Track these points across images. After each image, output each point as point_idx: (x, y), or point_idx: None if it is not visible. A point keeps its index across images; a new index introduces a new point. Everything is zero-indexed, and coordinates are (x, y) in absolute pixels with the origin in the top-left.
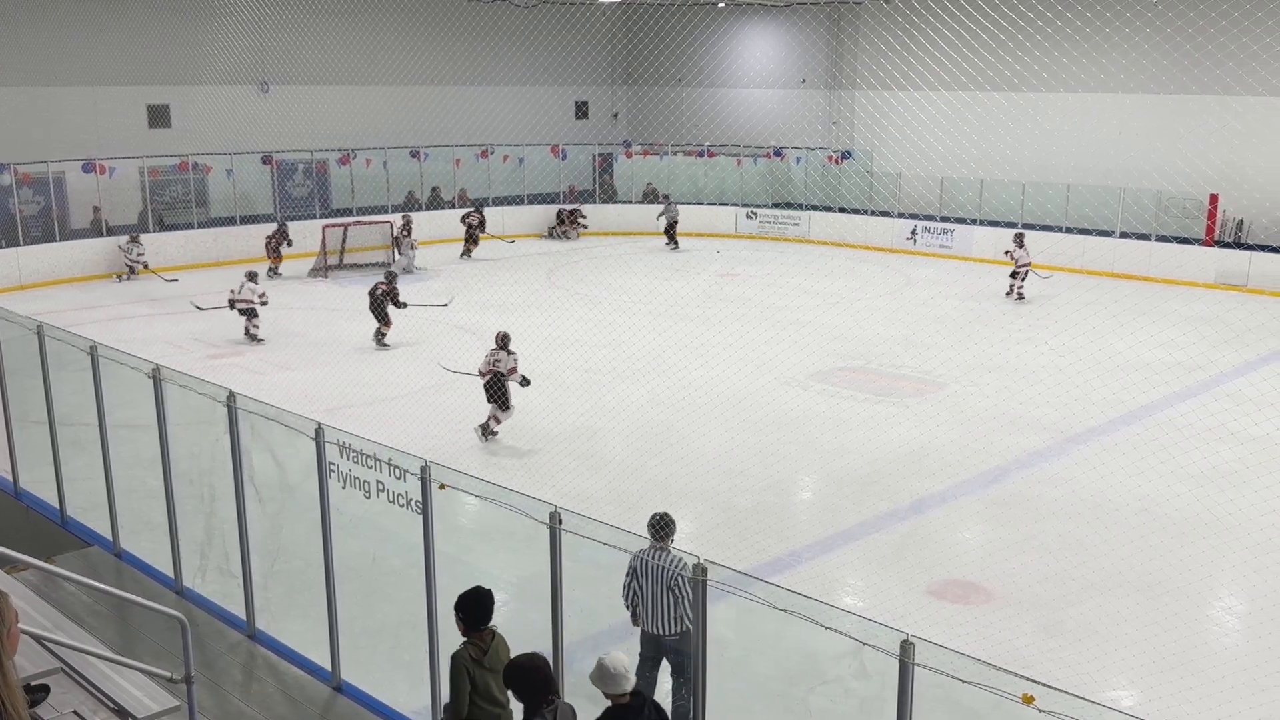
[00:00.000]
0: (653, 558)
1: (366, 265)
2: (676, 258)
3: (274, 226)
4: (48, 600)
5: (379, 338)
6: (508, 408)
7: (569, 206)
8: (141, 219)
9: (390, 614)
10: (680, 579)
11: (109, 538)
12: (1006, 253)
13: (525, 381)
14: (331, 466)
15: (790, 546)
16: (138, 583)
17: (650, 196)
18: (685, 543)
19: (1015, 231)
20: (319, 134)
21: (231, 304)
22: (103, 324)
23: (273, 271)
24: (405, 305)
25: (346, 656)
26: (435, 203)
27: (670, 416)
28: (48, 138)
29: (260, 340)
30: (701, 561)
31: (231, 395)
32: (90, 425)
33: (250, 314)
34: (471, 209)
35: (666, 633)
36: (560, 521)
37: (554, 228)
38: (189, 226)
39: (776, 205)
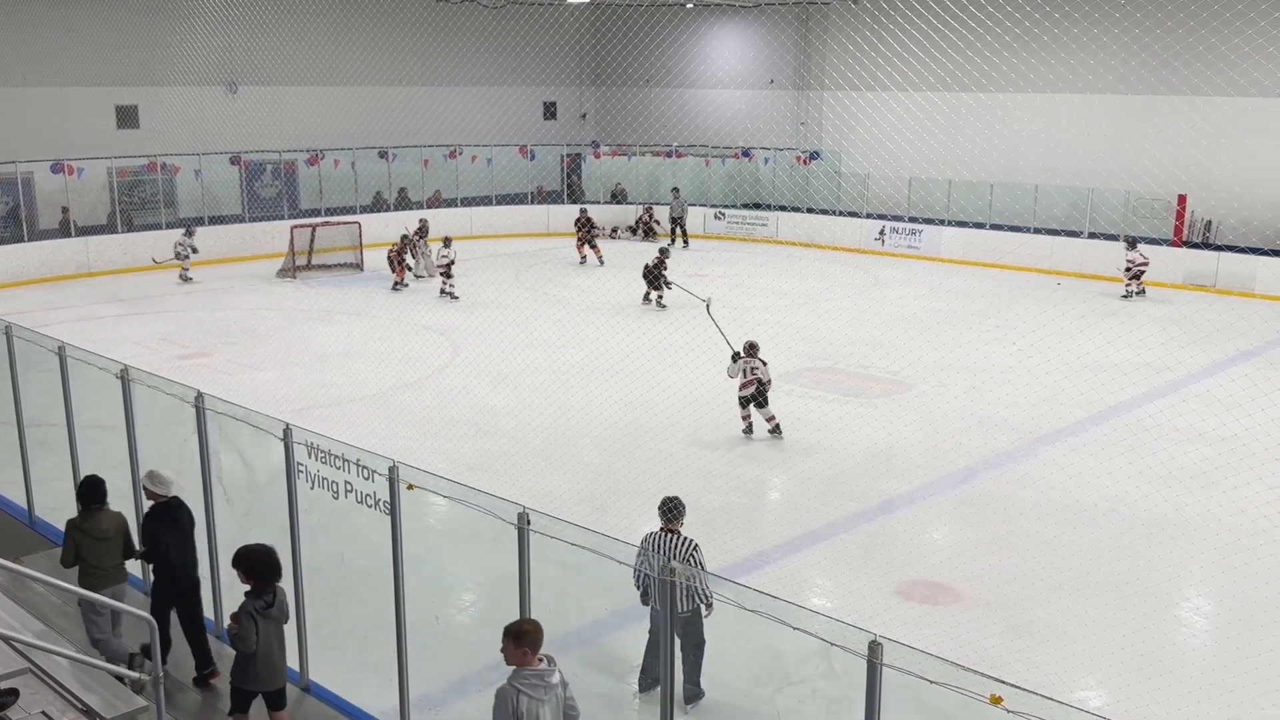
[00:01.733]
0: (664, 540)
1: (334, 266)
2: (644, 258)
3: (402, 240)
4: (16, 601)
5: (656, 300)
6: (767, 404)
7: (645, 204)
8: (110, 219)
9: (359, 614)
10: (692, 558)
11: None
12: (1128, 262)
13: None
14: (300, 467)
15: (758, 547)
16: None
17: (618, 197)
18: None
19: (1125, 236)
20: (287, 134)
21: (178, 254)
22: (71, 324)
23: (399, 285)
24: (669, 285)
25: (315, 657)
26: (403, 203)
27: (639, 417)
28: (15, 138)
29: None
30: (671, 563)
31: (200, 396)
32: (58, 426)
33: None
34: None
35: (680, 610)
36: (528, 522)
37: (639, 223)
38: (158, 227)
39: (745, 206)
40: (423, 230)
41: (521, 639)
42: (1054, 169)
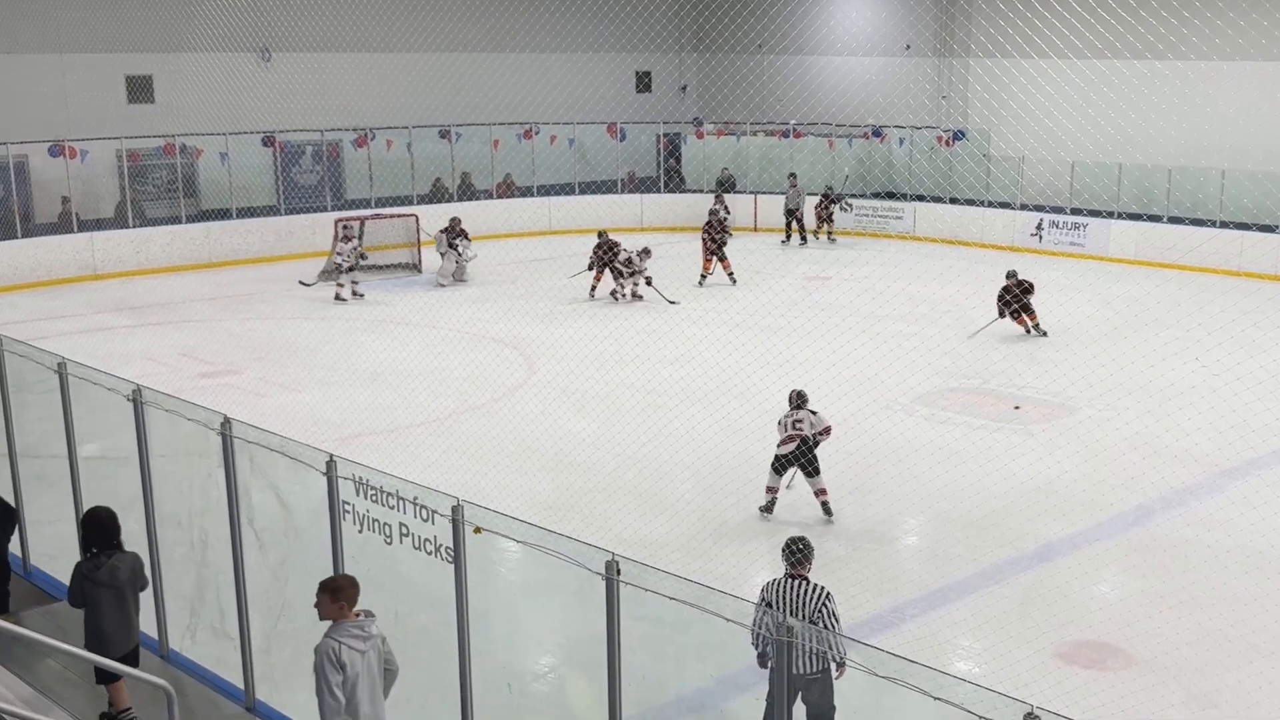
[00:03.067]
0: (789, 588)
1: (387, 266)
2: (755, 258)
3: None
4: (8, 667)
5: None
6: (817, 473)
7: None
8: (119, 211)
9: (416, 681)
10: (824, 610)
11: None
12: None
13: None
14: (346, 506)
15: (892, 601)
16: None
17: (725, 184)
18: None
19: None
20: (330, 111)
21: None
22: (73, 336)
23: (618, 293)
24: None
25: None
26: (467, 192)
27: (748, 447)
28: (7, 114)
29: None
30: (789, 620)
31: (227, 421)
32: (58, 457)
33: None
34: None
35: (806, 671)
36: (618, 571)
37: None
38: (175, 221)
39: (876, 195)
40: (453, 230)
41: (338, 594)
42: (1245, 151)
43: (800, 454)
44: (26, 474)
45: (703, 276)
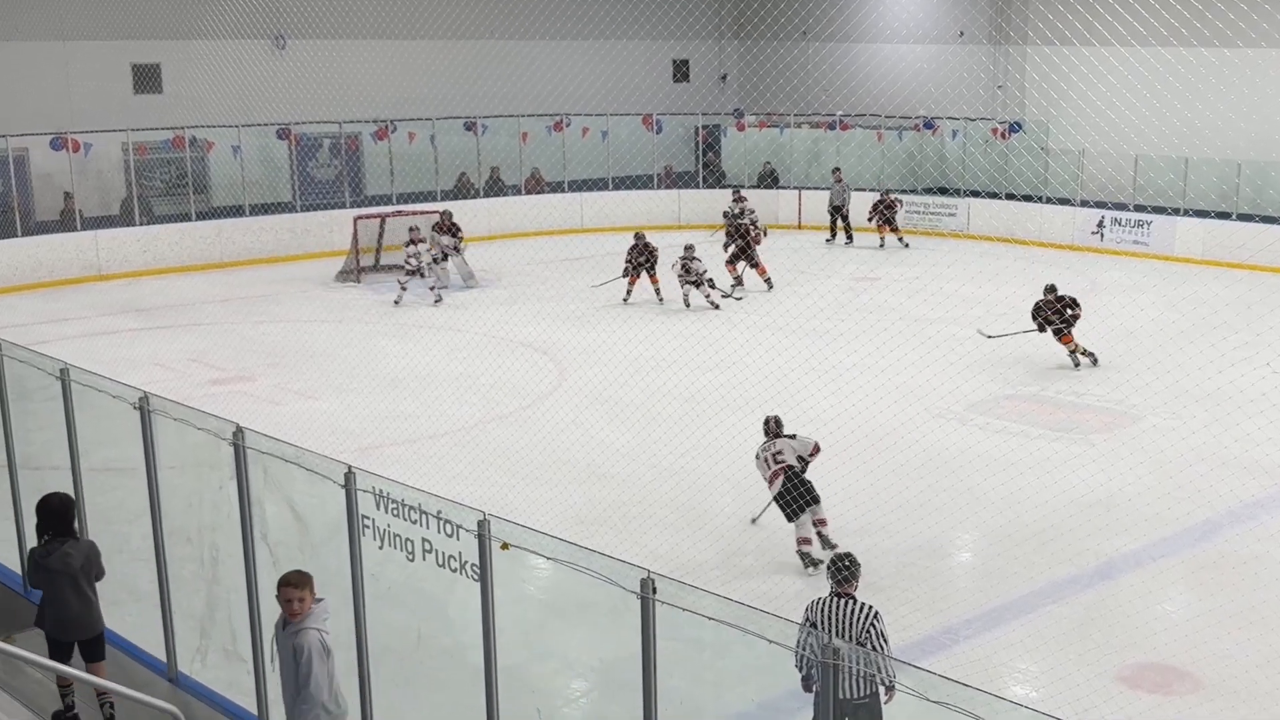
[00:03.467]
0: (835, 607)
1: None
2: (800, 257)
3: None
4: (8, 690)
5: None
6: (817, 501)
7: (887, 193)
8: (125, 208)
9: (439, 705)
10: (872, 630)
11: None
12: None
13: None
14: (365, 521)
15: (945, 621)
16: (121, 668)
17: (767, 179)
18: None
19: None
20: (349, 101)
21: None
22: (76, 341)
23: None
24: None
25: None
26: (495, 188)
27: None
28: (7, 105)
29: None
30: (835, 641)
31: (239, 431)
32: (61, 469)
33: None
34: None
35: (854, 696)
36: (655, 590)
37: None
38: (185, 218)
39: (927, 191)
40: (444, 226)
41: (311, 583)
42: None
43: (792, 487)
44: (27, 487)
45: (737, 283)
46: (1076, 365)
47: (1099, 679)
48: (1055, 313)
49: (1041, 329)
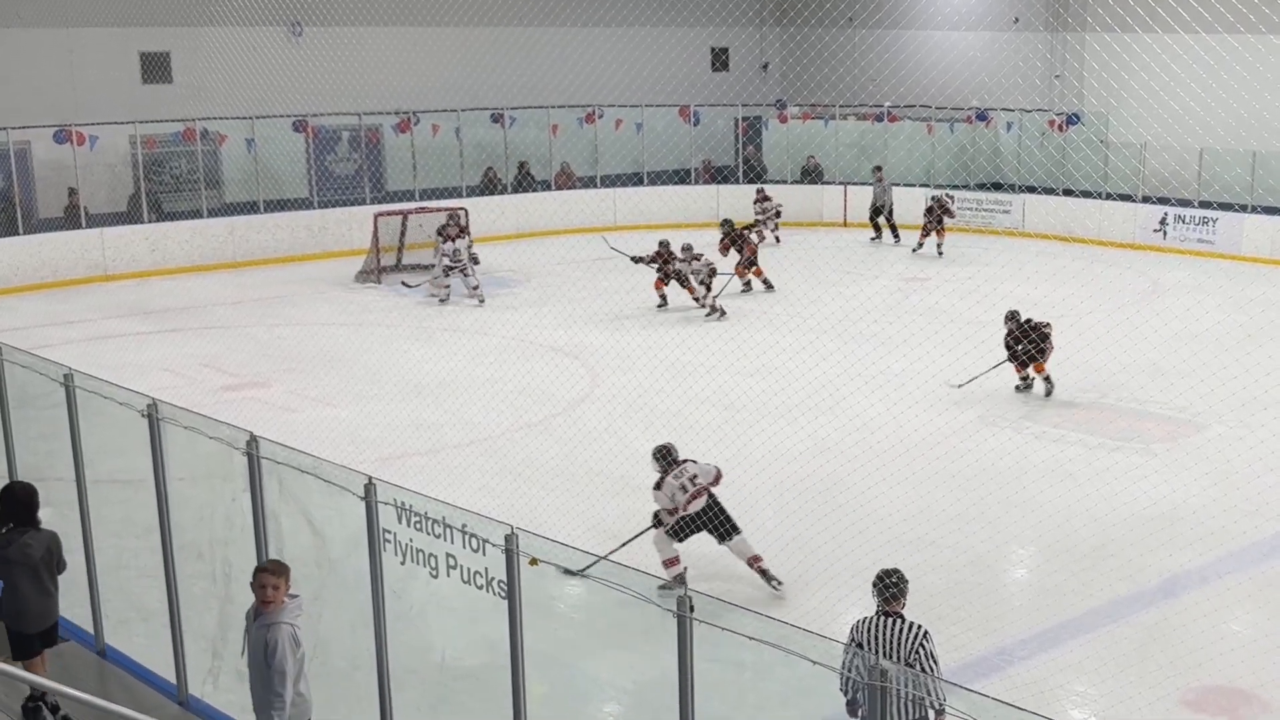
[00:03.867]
0: (882, 626)
1: (433, 266)
2: (845, 256)
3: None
4: (9, 714)
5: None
6: (737, 531)
7: (941, 191)
8: (133, 205)
9: None
10: (921, 650)
11: (89, 630)
12: None
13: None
14: (386, 535)
15: (998, 641)
16: (128, 690)
17: (811, 175)
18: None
19: None
20: (369, 92)
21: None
22: (81, 345)
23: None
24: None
25: None
26: (524, 183)
27: (838, 468)
28: (8, 96)
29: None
30: (884, 662)
31: (254, 440)
32: (65, 481)
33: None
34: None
35: None
36: (692, 609)
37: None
38: (196, 215)
39: (980, 186)
40: (453, 227)
41: (289, 574)
42: None
43: (712, 514)
44: None
45: (746, 287)
46: (1028, 389)
47: (1161, 703)
48: (1022, 335)
49: (1013, 359)
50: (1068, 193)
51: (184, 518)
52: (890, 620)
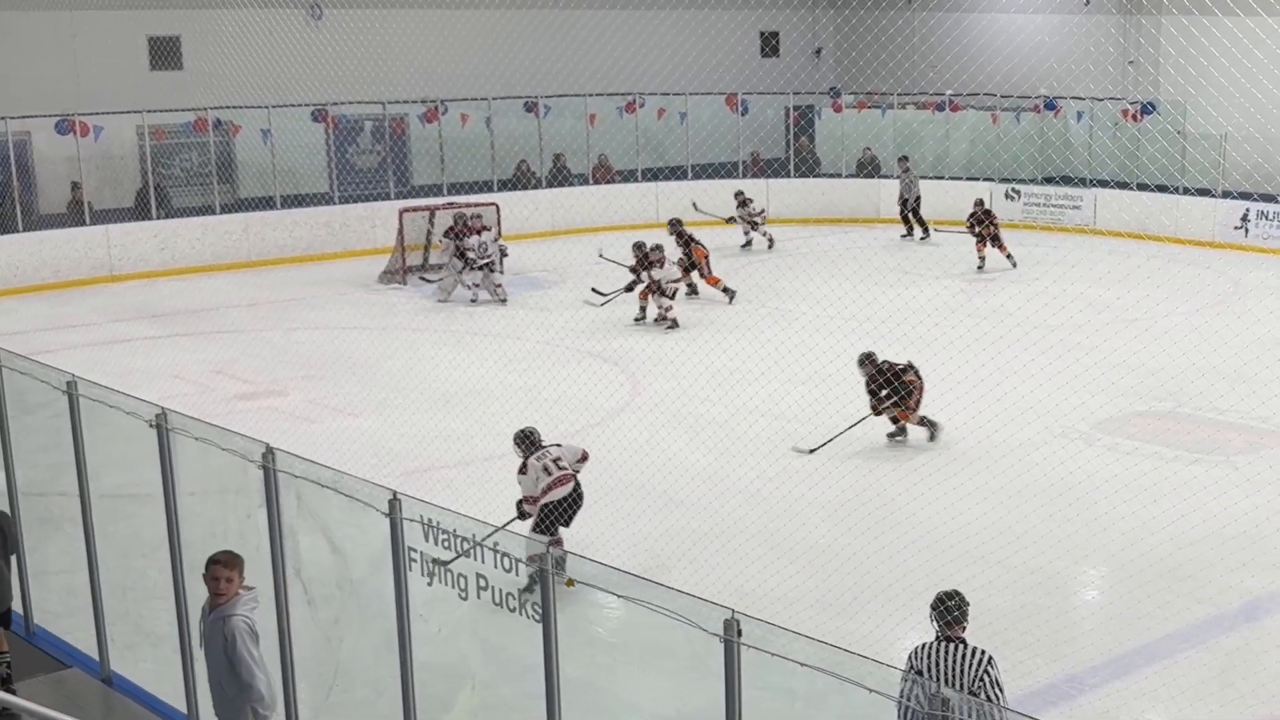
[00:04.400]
0: (943, 653)
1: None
2: (910, 254)
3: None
4: None
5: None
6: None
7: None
8: (141, 200)
9: None
10: (986, 678)
11: (93, 655)
12: None
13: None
14: (413, 554)
15: (1068, 668)
16: (135, 719)
17: (867, 168)
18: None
19: None
20: (394, 78)
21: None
22: (86, 350)
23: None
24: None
25: None
26: (560, 176)
27: (895, 482)
28: (7, 84)
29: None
30: (945, 690)
31: (269, 452)
32: (68, 495)
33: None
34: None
35: None
36: (740, 632)
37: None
38: (208, 211)
39: (1049, 180)
40: (462, 227)
41: (242, 565)
42: None
43: (576, 500)
44: (29, 515)
45: (692, 289)
46: (903, 437)
47: None
48: (882, 385)
49: (876, 412)
50: (1142, 187)
51: (195, 535)
52: (952, 646)
